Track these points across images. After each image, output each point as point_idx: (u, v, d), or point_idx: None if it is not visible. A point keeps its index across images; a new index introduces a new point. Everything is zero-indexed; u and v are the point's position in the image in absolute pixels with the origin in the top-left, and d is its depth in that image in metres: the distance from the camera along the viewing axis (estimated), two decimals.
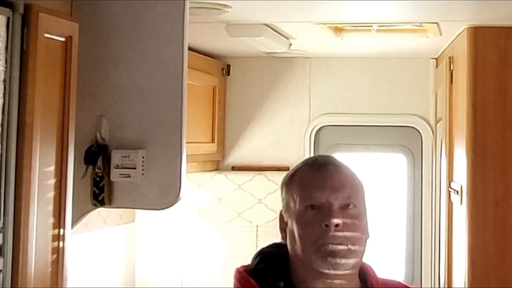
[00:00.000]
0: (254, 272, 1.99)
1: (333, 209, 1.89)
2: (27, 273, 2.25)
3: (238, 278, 2.00)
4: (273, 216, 4.52)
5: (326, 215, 1.88)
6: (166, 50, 2.74)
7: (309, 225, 1.90)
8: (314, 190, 1.92)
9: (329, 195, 1.91)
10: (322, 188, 1.92)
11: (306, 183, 1.95)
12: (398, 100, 4.73)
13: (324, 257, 1.87)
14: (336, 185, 1.93)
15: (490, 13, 3.21)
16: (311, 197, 1.91)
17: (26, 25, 2.27)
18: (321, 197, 1.91)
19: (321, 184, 1.93)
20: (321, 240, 1.87)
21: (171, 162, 2.72)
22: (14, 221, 2.22)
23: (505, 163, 3.39)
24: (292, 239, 1.95)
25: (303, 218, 1.91)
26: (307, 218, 1.91)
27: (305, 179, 1.96)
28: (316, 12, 3.32)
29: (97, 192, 2.75)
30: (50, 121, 2.40)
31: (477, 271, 3.37)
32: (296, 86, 4.84)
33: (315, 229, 1.89)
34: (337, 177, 1.95)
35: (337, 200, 1.91)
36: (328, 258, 1.87)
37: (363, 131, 4.80)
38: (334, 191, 1.92)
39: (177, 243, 4.65)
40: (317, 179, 1.94)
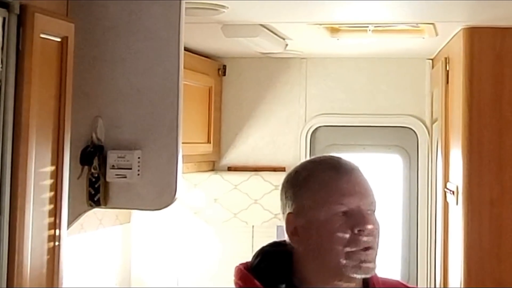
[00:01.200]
0: (255, 271, 1.98)
1: (365, 215, 1.89)
2: (23, 273, 2.25)
3: (239, 277, 1.98)
4: (269, 217, 4.53)
5: (358, 221, 1.88)
6: (162, 51, 2.74)
7: (339, 230, 1.88)
8: (344, 196, 1.90)
9: (359, 200, 1.90)
10: (352, 193, 1.90)
11: (333, 188, 1.92)
12: (394, 100, 4.74)
13: (358, 263, 1.87)
14: (363, 191, 1.93)
15: (486, 13, 3.21)
16: (341, 203, 1.89)
17: (22, 25, 2.27)
18: (351, 204, 1.89)
19: (351, 189, 1.91)
20: (354, 246, 1.87)
21: (167, 163, 2.72)
22: (10, 222, 2.22)
23: (501, 164, 3.39)
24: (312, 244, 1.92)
25: (331, 224, 1.89)
26: (336, 224, 1.88)
27: (330, 183, 1.93)
28: (312, 12, 3.32)
29: (93, 193, 2.75)
30: (46, 121, 2.40)
31: (473, 271, 3.37)
32: (292, 87, 4.84)
33: (346, 235, 1.87)
34: (363, 182, 1.95)
35: (365, 206, 1.91)
36: (361, 264, 1.87)
37: (359, 131, 4.80)
38: (362, 197, 1.91)
39: (173, 243, 4.65)
40: (345, 184, 1.92)
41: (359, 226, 1.87)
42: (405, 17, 3.46)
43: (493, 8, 3.09)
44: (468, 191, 3.40)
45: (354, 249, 1.87)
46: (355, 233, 1.87)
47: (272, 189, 4.59)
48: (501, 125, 3.40)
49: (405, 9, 3.24)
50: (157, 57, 2.74)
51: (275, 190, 4.58)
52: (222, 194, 4.64)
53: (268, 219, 4.53)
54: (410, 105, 4.72)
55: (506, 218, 3.38)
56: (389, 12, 3.33)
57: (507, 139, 3.40)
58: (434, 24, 3.49)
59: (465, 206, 3.41)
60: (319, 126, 4.83)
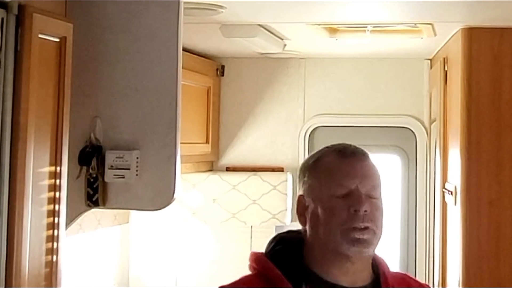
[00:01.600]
0: (269, 254, 2.07)
1: (362, 196, 1.98)
2: (21, 274, 2.25)
3: (253, 259, 2.07)
4: (267, 217, 4.53)
5: (355, 201, 1.97)
6: (161, 51, 2.73)
7: (337, 209, 1.98)
8: (343, 177, 2.00)
9: (358, 182, 2.00)
10: (351, 175, 2.00)
11: (335, 170, 2.03)
12: (393, 100, 4.74)
13: (352, 242, 1.96)
14: (365, 174, 2.02)
15: (484, 14, 3.21)
16: (340, 184, 2.00)
17: (20, 25, 2.27)
18: (351, 184, 1.99)
19: (351, 171, 2.01)
20: (349, 224, 1.96)
21: (165, 163, 2.72)
22: (8, 222, 2.22)
23: (499, 164, 3.39)
24: (315, 222, 2.02)
25: (331, 203, 1.99)
26: (336, 203, 1.98)
27: (334, 165, 2.04)
28: (311, 12, 3.32)
29: (91, 193, 2.74)
30: (44, 121, 2.39)
31: (471, 271, 3.37)
32: (290, 87, 4.84)
33: (343, 213, 1.97)
34: (365, 167, 2.04)
35: (365, 188, 2.00)
36: (356, 242, 1.96)
37: (358, 131, 4.80)
38: (362, 179, 2.00)
39: (171, 243, 4.65)
40: (347, 167, 2.02)
41: (355, 206, 1.97)
42: (404, 17, 3.46)
43: (492, 8, 3.09)
44: (466, 191, 3.40)
45: (350, 227, 1.96)
46: (351, 212, 1.96)
47: (271, 189, 4.59)
48: (500, 126, 3.40)
49: (403, 9, 3.24)
50: (156, 57, 2.74)
51: (274, 190, 4.59)
52: (221, 194, 4.63)
53: (266, 219, 4.52)
54: (409, 105, 4.72)
55: (504, 218, 3.38)
56: (388, 12, 3.33)
57: (506, 139, 3.40)
58: (433, 24, 3.49)
59: (463, 206, 3.41)
60: (317, 126, 4.83)
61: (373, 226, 1.98)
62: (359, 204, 1.97)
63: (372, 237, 1.98)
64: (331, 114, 4.81)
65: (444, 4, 3.04)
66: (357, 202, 1.97)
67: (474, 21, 3.38)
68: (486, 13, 3.20)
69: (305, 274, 2.01)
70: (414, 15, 3.40)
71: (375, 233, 1.99)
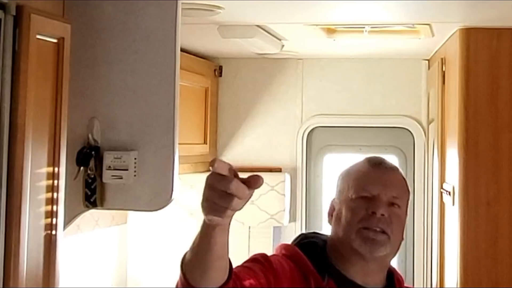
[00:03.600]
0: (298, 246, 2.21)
1: (381, 201, 2.14)
2: (19, 274, 2.25)
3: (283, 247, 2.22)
4: (265, 218, 4.53)
5: (374, 205, 2.13)
6: (159, 51, 2.73)
7: (357, 210, 2.14)
8: (368, 182, 2.17)
9: (380, 189, 2.16)
10: (375, 182, 2.17)
11: (362, 176, 2.20)
12: (390, 101, 4.74)
13: (364, 240, 2.11)
14: (387, 183, 2.18)
15: (482, 14, 3.21)
16: (364, 188, 2.16)
17: (18, 26, 2.26)
18: (372, 190, 2.16)
19: (375, 178, 2.18)
20: (365, 223, 2.12)
21: (163, 164, 2.72)
22: (6, 223, 2.22)
23: (497, 164, 3.39)
24: (337, 220, 2.19)
25: (353, 204, 2.16)
26: (357, 204, 2.15)
27: (362, 172, 2.21)
28: (309, 13, 3.32)
29: (89, 194, 2.74)
30: (42, 122, 2.39)
31: (469, 271, 3.38)
32: (288, 87, 4.84)
33: (361, 213, 2.13)
34: (390, 177, 2.21)
35: (386, 196, 2.15)
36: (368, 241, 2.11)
37: (355, 132, 4.80)
38: (385, 187, 2.17)
39: (169, 244, 4.64)
40: (373, 174, 2.19)
41: (372, 208, 2.12)
42: (401, 17, 3.46)
43: (489, 8, 3.09)
44: (464, 191, 3.41)
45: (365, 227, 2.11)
46: (369, 213, 2.12)
47: (269, 190, 4.59)
48: (497, 126, 3.41)
49: (401, 10, 3.24)
50: (154, 58, 2.73)
51: (272, 191, 4.58)
52: None
53: (264, 220, 4.52)
54: (407, 105, 4.72)
55: (502, 218, 3.38)
56: (385, 12, 3.33)
57: (503, 139, 3.40)
58: (430, 24, 3.49)
59: (461, 206, 3.41)
60: (315, 127, 4.83)
61: (388, 231, 2.13)
62: (377, 207, 2.13)
63: (386, 240, 2.13)
64: (329, 114, 4.81)
65: (441, 4, 3.04)
66: (375, 205, 2.13)
67: (471, 22, 3.38)
68: (484, 14, 3.20)
69: (327, 267, 2.15)
70: (412, 16, 3.40)
71: (389, 237, 2.13)
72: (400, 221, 2.17)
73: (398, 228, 2.16)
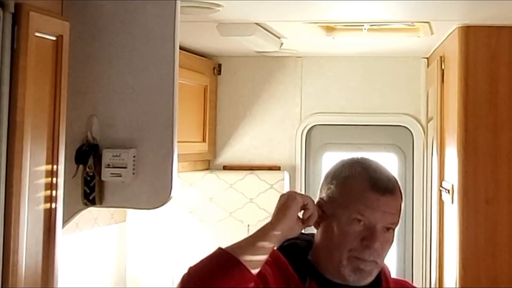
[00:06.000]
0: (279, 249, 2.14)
1: (377, 232, 2.07)
2: (18, 272, 2.25)
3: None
4: (264, 216, 4.52)
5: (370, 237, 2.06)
6: (158, 49, 2.73)
7: (351, 236, 2.06)
8: (367, 209, 2.06)
9: (378, 218, 2.07)
10: (375, 210, 2.07)
11: (362, 198, 2.08)
12: (390, 99, 4.74)
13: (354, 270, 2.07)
14: (388, 211, 2.09)
15: (481, 12, 3.21)
16: (362, 214, 2.06)
17: (17, 24, 2.27)
18: (371, 218, 2.06)
19: (376, 207, 2.07)
20: (357, 253, 2.06)
21: (162, 162, 2.72)
22: (5, 221, 2.22)
23: (496, 162, 3.39)
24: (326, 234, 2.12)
25: (346, 226, 2.07)
26: (351, 228, 2.07)
27: (362, 193, 2.09)
28: (308, 11, 3.32)
29: (88, 192, 2.74)
30: (41, 120, 2.39)
31: (468, 270, 3.37)
32: (287, 86, 4.84)
33: (355, 242, 2.06)
34: (391, 204, 2.11)
35: (383, 223, 2.08)
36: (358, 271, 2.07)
37: (355, 130, 4.80)
38: (383, 215, 2.08)
39: (168, 242, 4.64)
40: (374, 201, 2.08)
41: (367, 240, 2.05)
42: (401, 15, 3.46)
43: (489, 6, 3.09)
44: (463, 189, 3.40)
45: (357, 256, 2.06)
46: (363, 245, 2.06)
47: (268, 188, 4.59)
48: (496, 124, 3.40)
49: (400, 7, 3.24)
50: (152, 56, 2.74)
51: (271, 189, 4.59)
52: (218, 193, 4.63)
53: (263, 218, 4.51)
54: (406, 103, 4.72)
55: (501, 216, 3.38)
56: (385, 10, 3.33)
57: (502, 138, 3.40)
58: (430, 22, 3.49)
59: (460, 204, 3.41)
60: (314, 125, 4.83)
61: (379, 260, 2.09)
62: (372, 240, 2.05)
63: (374, 268, 2.09)
64: (328, 112, 4.81)
65: (441, 2, 3.04)
66: (370, 238, 2.05)
67: (471, 20, 3.38)
68: (483, 12, 3.20)
69: (310, 269, 2.12)
70: (411, 14, 3.40)
71: (378, 264, 2.09)
72: (389, 245, 2.12)
73: (387, 251, 2.12)
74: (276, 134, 4.83)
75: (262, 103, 4.85)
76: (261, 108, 4.84)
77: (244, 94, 4.86)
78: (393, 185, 2.15)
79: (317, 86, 4.82)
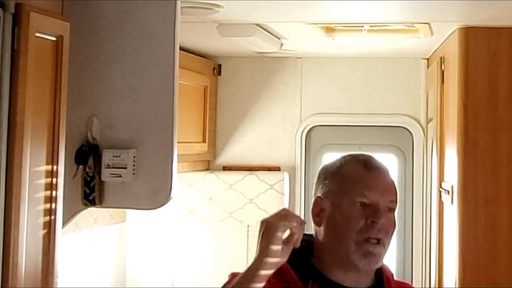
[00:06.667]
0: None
1: (380, 209, 2.07)
2: (18, 273, 2.25)
3: None
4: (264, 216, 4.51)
5: (374, 213, 2.06)
6: (158, 50, 2.73)
7: (355, 218, 2.06)
8: (366, 188, 2.08)
9: (378, 196, 2.08)
10: (374, 188, 2.09)
11: (359, 180, 2.10)
12: (389, 100, 4.74)
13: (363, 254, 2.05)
14: (386, 188, 2.12)
15: (481, 13, 3.21)
16: (363, 194, 2.08)
17: (17, 24, 2.27)
18: (371, 197, 2.07)
19: (374, 184, 2.10)
20: (364, 234, 2.05)
21: (162, 162, 2.72)
22: (5, 221, 2.22)
23: (496, 163, 3.39)
24: (331, 226, 2.11)
25: (350, 211, 2.07)
26: (354, 212, 2.07)
27: (358, 175, 2.11)
28: (308, 12, 3.32)
29: (88, 192, 2.74)
30: (41, 120, 2.39)
31: (468, 270, 3.38)
32: (287, 86, 4.84)
33: (360, 222, 2.06)
34: (387, 181, 2.14)
35: (384, 202, 2.09)
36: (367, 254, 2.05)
37: (354, 131, 4.80)
38: (383, 193, 2.10)
39: (168, 243, 4.64)
40: (370, 179, 2.11)
41: (373, 217, 2.05)
42: (401, 16, 3.47)
43: (489, 7, 3.09)
44: (463, 190, 3.41)
45: (364, 237, 2.05)
46: (368, 223, 2.05)
47: (267, 189, 4.59)
48: (496, 125, 3.41)
49: (400, 8, 3.24)
50: (153, 56, 2.74)
51: (270, 190, 4.59)
52: (217, 193, 4.63)
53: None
54: (405, 104, 4.73)
55: (501, 217, 3.38)
56: (385, 11, 3.33)
57: (502, 138, 3.40)
58: (430, 23, 3.49)
59: (460, 205, 3.41)
60: (314, 126, 4.83)
61: (385, 239, 2.08)
62: (378, 216, 2.06)
63: (383, 251, 2.08)
64: (327, 113, 4.81)
65: (441, 3, 3.04)
66: (375, 214, 2.06)
67: (471, 21, 3.38)
68: (483, 13, 3.20)
69: (312, 271, 2.11)
70: (411, 15, 3.40)
71: (385, 247, 2.09)
72: (393, 226, 2.12)
73: (391, 233, 2.11)
74: (276, 134, 4.84)
75: (262, 103, 4.85)
76: (261, 108, 4.85)
77: (244, 94, 4.86)
78: (383, 165, 2.17)
79: (317, 86, 4.83)
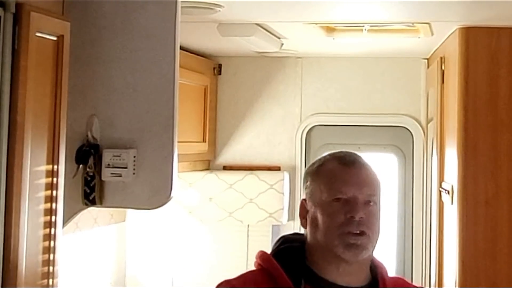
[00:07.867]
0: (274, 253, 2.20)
1: (359, 203, 2.10)
2: (18, 272, 2.25)
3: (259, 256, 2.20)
4: (264, 216, 4.53)
5: (352, 208, 2.09)
6: (158, 50, 2.73)
7: (334, 214, 2.10)
8: (342, 184, 2.12)
9: (355, 190, 2.12)
10: (350, 183, 2.13)
11: (335, 177, 2.15)
12: (390, 100, 4.74)
13: (347, 246, 2.08)
14: (362, 182, 2.14)
15: (482, 13, 3.21)
16: (339, 190, 2.12)
17: (18, 24, 2.26)
18: (348, 192, 2.11)
19: (349, 179, 2.13)
20: (345, 228, 2.08)
21: (162, 162, 2.72)
22: (5, 221, 2.22)
23: (496, 163, 3.39)
24: (314, 225, 2.15)
25: (329, 208, 2.12)
26: (334, 208, 2.11)
27: (334, 172, 2.16)
28: (308, 12, 3.32)
29: (88, 192, 2.74)
30: (41, 120, 2.39)
31: (468, 271, 3.38)
32: (287, 86, 4.84)
33: (339, 218, 2.09)
34: (364, 175, 2.16)
35: (362, 195, 2.12)
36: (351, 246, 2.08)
37: (354, 131, 4.80)
38: (360, 187, 2.12)
39: (168, 242, 4.65)
40: (346, 175, 2.15)
41: (351, 212, 2.09)
42: (401, 16, 3.47)
43: (489, 7, 3.09)
44: (463, 190, 3.41)
45: (345, 231, 2.08)
46: (347, 218, 2.09)
47: (267, 188, 4.59)
48: (496, 125, 3.41)
49: (400, 8, 3.24)
50: (153, 56, 2.74)
51: (271, 189, 4.59)
52: (217, 193, 4.63)
53: (263, 218, 4.52)
54: (406, 104, 4.73)
55: (501, 217, 3.38)
56: (385, 11, 3.33)
57: (502, 138, 3.40)
58: (430, 23, 3.50)
59: (460, 205, 3.41)
60: (314, 125, 4.83)
61: (368, 231, 2.10)
62: (355, 211, 2.09)
63: (367, 241, 2.10)
64: (328, 113, 4.81)
65: (441, 3, 3.04)
66: (353, 209, 2.09)
67: (471, 21, 3.38)
68: (483, 13, 3.20)
69: (305, 272, 2.13)
70: (411, 15, 3.40)
71: (370, 238, 2.11)
72: (376, 217, 2.14)
73: (376, 224, 2.13)
74: (276, 134, 4.84)
75: (262, 103, 4.85)
76: (261, 108, 4.85)
77: (244, 94, 4.87)
78: (360, 159, 2.21)
79: (317, 86, 4.83)
